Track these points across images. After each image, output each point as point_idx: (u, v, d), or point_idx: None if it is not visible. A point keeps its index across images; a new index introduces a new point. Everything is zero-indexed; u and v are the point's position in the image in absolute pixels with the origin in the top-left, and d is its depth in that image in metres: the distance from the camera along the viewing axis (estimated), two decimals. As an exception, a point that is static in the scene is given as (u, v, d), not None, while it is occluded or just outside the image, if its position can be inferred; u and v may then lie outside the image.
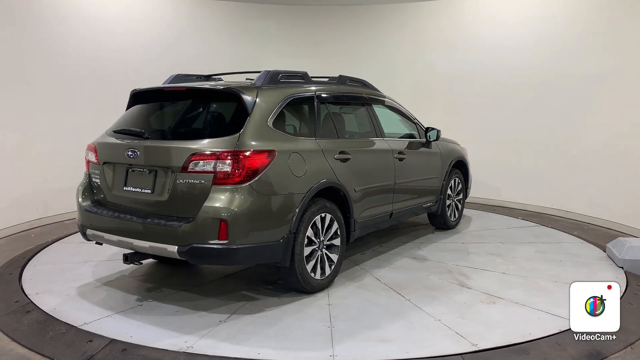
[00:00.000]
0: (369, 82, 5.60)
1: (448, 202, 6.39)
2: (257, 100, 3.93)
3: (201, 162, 3.63)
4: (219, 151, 3.62)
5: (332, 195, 4.39)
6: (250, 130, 3.78)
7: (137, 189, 3.93)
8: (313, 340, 3.41)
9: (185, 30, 8.11)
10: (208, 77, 4.98)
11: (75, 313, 3.83)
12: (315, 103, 4.51)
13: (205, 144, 3.70)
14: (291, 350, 3.29)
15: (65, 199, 4.40)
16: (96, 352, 3.21)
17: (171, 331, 3.54)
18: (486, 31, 8.15)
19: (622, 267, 4.91)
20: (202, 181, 3.61)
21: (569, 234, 6.30)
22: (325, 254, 4.32)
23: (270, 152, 3.80)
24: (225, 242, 3.55)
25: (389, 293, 4.27)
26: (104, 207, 4.15)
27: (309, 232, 4.09)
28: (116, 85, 5.18)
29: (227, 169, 3.59)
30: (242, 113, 3.85)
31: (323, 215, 4.23)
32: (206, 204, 3.56)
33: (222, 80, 4.96)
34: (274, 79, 4.25)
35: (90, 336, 3.42)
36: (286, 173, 3.90)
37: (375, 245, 5.74)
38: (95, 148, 4.25)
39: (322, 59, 8.82)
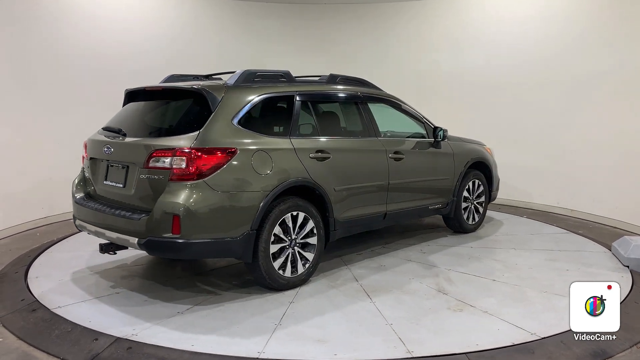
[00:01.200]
0: (371, 80, 5.48)
1: (465, 204, 6.12)
2: (223, 99, 4.02)
3: (160, 158, 3.78)
4: (175, 148, 3.76)
5: (307, 194, 4.39)
6: (210, 128, 3.88)
7: (113, 183, 4.19)
8: (252, 336, 3.44)
9: (186, 29, 8.15)
10: (207, 77, 5.14)
11: (56, 297, 4.13)
12: (294, 102, 4.50)
13: (165, 141, 3.86)
14: (225, 343, 3.33)
15: (70, 198, 4.72)
16: (101, 350, 3.27)
17: (130, 318, 3.72)
18: (492, 29, 7.90)
19: (628, 266, 4.77)
20: (161, 177, 3.77)
21: (596, 242, 5.81)
22: (299, 252, 4.32)
23: (230, 150, 3.87)
24: (178, 236, 3.68)
25: (357, 295, 4.19)
26: (90, 200, 4.45)
27: (277, 229, 4.12)
28: (120, 83, 5.42)
29: (183, 165, 3.71)
30: (205, 111, 3.97)
31: (295, 213, 4.24)
32: (161, 198, 3.72)
33: (221, 79, 5.10)
34: (249, 78, 4.31)
35: (96, 334, 3.46)
36: (247, 171, 3.94)
37: (377, 245, 5.63)
38: (86, 144, 4.57)
39: (325, 58, 8.76)
